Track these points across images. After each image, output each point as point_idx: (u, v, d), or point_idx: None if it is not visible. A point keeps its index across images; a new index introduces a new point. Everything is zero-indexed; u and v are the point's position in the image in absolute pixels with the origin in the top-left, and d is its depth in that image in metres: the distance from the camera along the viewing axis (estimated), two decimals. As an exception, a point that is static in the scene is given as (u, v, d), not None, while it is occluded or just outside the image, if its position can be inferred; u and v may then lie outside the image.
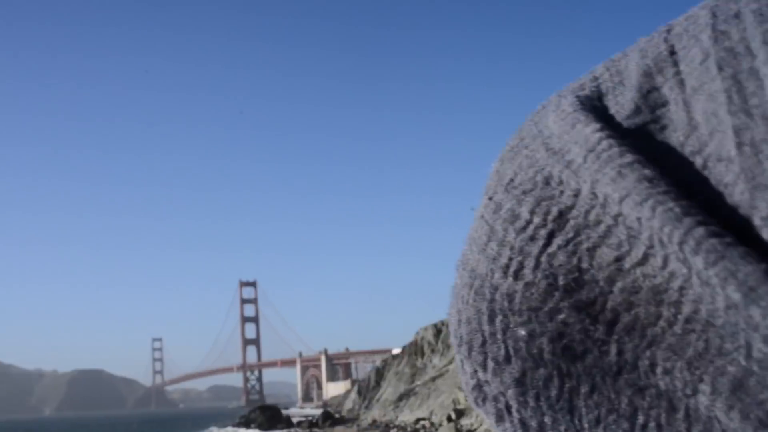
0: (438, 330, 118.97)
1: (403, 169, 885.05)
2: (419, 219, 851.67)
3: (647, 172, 0.39)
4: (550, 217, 0.43)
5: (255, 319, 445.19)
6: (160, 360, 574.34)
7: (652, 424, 0.46)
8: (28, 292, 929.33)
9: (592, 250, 0.43)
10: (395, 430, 77.28)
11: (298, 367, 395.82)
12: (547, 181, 0.42)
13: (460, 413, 64.99)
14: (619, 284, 0.42)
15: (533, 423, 0.49)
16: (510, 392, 0.52)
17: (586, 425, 0.47)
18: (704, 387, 0.44)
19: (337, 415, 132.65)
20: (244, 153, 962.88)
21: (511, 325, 0.49)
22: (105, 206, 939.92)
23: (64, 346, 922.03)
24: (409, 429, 73.22)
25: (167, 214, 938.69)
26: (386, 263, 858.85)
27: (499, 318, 0.51)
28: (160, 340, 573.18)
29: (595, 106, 0.42)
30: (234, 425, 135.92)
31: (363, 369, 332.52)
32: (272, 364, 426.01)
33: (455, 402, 72.73)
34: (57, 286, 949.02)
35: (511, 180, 0.46)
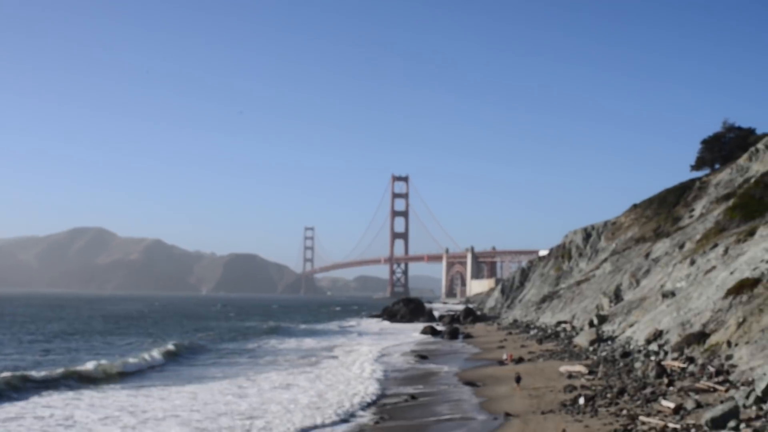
0: (588, 234, 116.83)
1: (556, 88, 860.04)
2: (575, 134, 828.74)
3: None
4: None
5: (405, 214, 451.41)
6: (311, 248, 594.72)
7: None
8: (191, 180, 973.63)
9: None
10: (535, 330, 76.76)
11: (444, 262, 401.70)
12: None
13: (603, 319, 63.63)
14: None
15: None
16: None
17: None
18: None
19: (478, 312, 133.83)
20: (405, 49, 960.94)
21: None
22: (263, 102, 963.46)
23: (222, 231, 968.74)
24: (549, 331, 72.53)
25: (323, 110, 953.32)
26: (537, 167, 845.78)
27: None
28: (312, 229, 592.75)
29: None
30: (378, 316, 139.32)
31: (508, 269, 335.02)
32: (419, 259, 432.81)
33: (599, 307, 71.32)
34: (217, 175, 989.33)
35: None
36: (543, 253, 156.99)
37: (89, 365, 47.11)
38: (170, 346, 63.07)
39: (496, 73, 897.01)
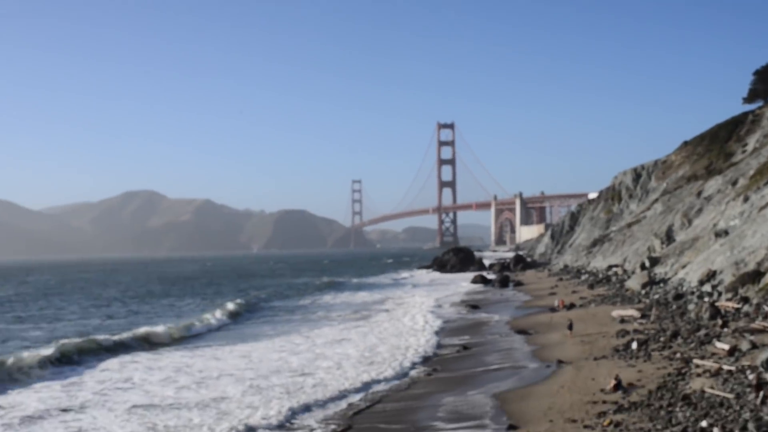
0: (637, 174, 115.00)
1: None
2: (621, 80, 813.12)
3: None
4: None
5: (451, 162, 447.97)
6: (359, 201, 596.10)
7: None
8: (238, 137, 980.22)
9: None
10: (586, 275, 76.25)
11: (493, 210, 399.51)
12: None
13: (655, 261, 62.90)
14: None
15: None
16: None
17: None
18: None
19: (528, 259, 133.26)
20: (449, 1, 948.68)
21: None
22: (310, 59, 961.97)
23: (271, 188, 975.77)
24: (600, 275, 71.98)
25: (367, 65, 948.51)
26: (584, 106, 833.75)
27: None
28: (359, 182, 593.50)
29: None
30: (428, 267, 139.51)
31: (557, 213, 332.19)
32: (467, 207, 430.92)
33: (650, 249, 70.46)
34: (265, 131, 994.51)
35: None
36: (593, 196, 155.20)
37: (157, 329, 47.81)
38: (229, 306, 63.62)
39: (539, 25, 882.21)
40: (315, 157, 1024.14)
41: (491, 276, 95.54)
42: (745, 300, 36.57)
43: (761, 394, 20.42)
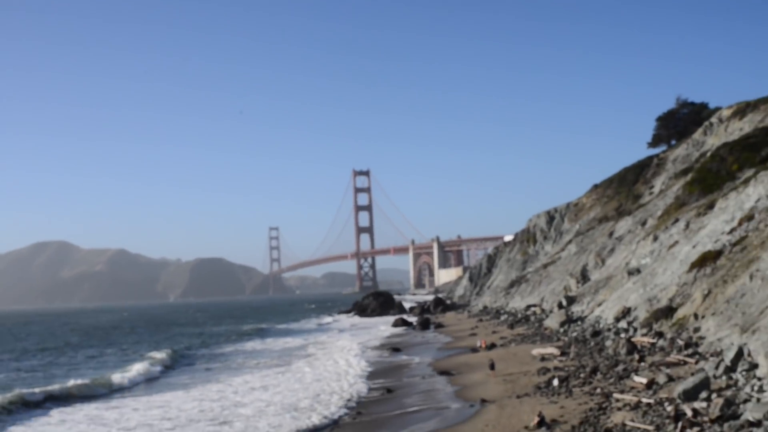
0: (551, 217, 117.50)
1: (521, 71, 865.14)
2: (532, 114, 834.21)
3: None
4: None
5: (368, 208, 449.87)
6: (277, 248, 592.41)
7: None
8: (152, 187, 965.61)
9: None
10: (506, 316, 77.22)
11: (411, 254, 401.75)
12: None
13: (571, 300, 64.15)
14: None
15: None
16: None
17: None
18: None
19: (448, 301, 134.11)
20: (355, 45, 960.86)
21: None
22: (218, 107, 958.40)
23: (187, 236, 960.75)
24: (519, 315, 73.01)
25: (279, 110, 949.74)
26: (499, 151, 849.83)
27: None
28: (276, 229, 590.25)
29: None
30: (349, 311, 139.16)
31: (474, 256, 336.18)
32: (385, 252, 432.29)
33: (566, 289, 71.84)
34: (179, 182, 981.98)
35: None
36: (508, 238, 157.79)
37: (74, 382, 46.09)
38: (149, 356, 62.15)
39: (448, 59, 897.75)
40: (231, 204, 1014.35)
41: (412, 319, 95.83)
42: (660, 335, 37.55)
43: (679, 425, 20.94)
